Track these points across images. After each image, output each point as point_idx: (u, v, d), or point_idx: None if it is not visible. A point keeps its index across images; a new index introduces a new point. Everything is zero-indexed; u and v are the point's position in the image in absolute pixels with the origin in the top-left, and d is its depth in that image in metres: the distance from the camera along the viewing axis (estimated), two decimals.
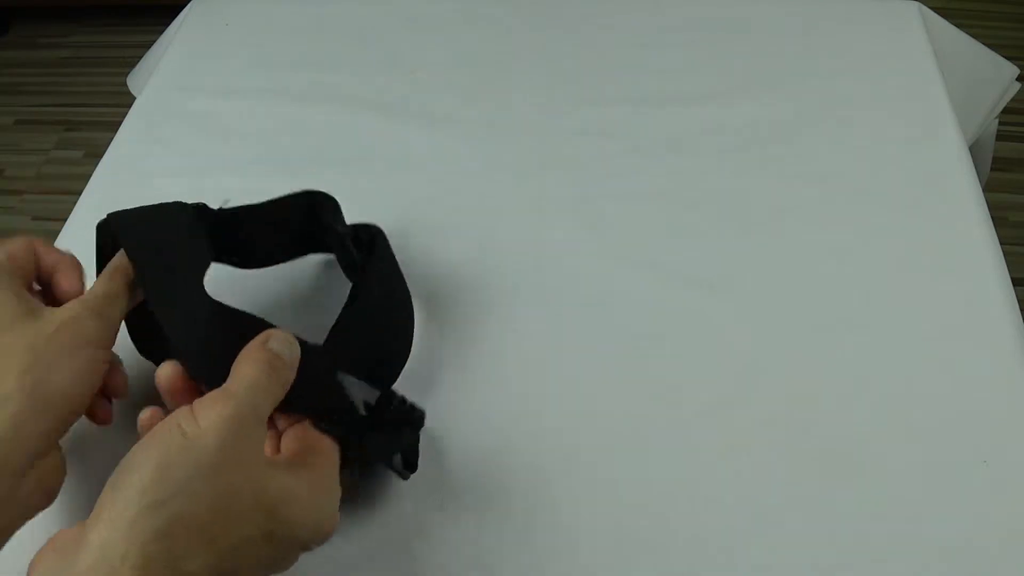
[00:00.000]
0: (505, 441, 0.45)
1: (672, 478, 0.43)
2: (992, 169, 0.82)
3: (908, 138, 0.59)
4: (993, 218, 0.54)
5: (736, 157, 0.59)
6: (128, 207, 0.42)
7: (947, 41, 0.68)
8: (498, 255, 0.54)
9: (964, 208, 0.54)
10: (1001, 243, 0.52)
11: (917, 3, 0.69)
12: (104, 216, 0.41)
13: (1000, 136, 0.80)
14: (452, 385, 0.47)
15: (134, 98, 0.69)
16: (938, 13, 0.70)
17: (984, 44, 0.73)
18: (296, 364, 0.36)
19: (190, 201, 0.44)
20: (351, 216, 0.49)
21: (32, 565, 0.29)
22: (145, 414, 0.35)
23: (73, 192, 0.60)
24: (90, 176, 0.61)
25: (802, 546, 0.41)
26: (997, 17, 1.71)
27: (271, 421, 0.36)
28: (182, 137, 0.63)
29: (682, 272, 0.52)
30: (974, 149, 0.72)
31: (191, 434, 0.30)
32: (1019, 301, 0.49)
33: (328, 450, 0.36)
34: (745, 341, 0.48)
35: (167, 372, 0.36)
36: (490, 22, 0.71)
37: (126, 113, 0.66)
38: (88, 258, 0.42)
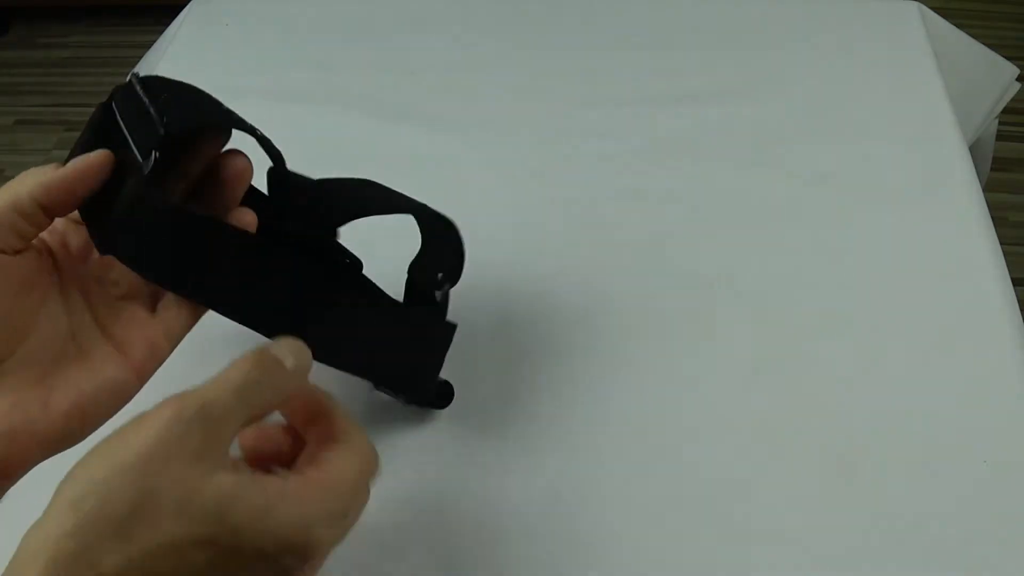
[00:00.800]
0: (502, 440, 0.45)
1: (671, 477, 0.43)
2: (992, 169, 0.82)
3: (908, 138, 0.59)
4: (993, 218, 0.54)
5: (736, 157, 0.59)
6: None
7: (947, 41, 0.68)
8: (498, 255, 0.54)
9: (964, 208, 0.54)
10: (1001, 243, 0.53)
11: (917, 3, 0.70)
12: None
13: (1000, 136, 0.80)
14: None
15: None
16: (938, 13, 0.70)
17: (984, 44, 0.73)
18: (306, 372, 0.34)
19: None
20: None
21: None
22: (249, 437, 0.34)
23: None
24: None
25: (802, 545, 0.41)
26: (997, 17, 1.71)
27: (298, 433, 0.35)
28: None
29: (683, 272, 0.52)
30: (974, 149, 0.72)
31: (125, 432, 0.30)
32: (1019, 301, 0.49)
33: (348, 457, 0.33)
34: (746, 340, 0.48)
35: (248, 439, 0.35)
36: (491, 22, 0.71)
37: None
38: None
